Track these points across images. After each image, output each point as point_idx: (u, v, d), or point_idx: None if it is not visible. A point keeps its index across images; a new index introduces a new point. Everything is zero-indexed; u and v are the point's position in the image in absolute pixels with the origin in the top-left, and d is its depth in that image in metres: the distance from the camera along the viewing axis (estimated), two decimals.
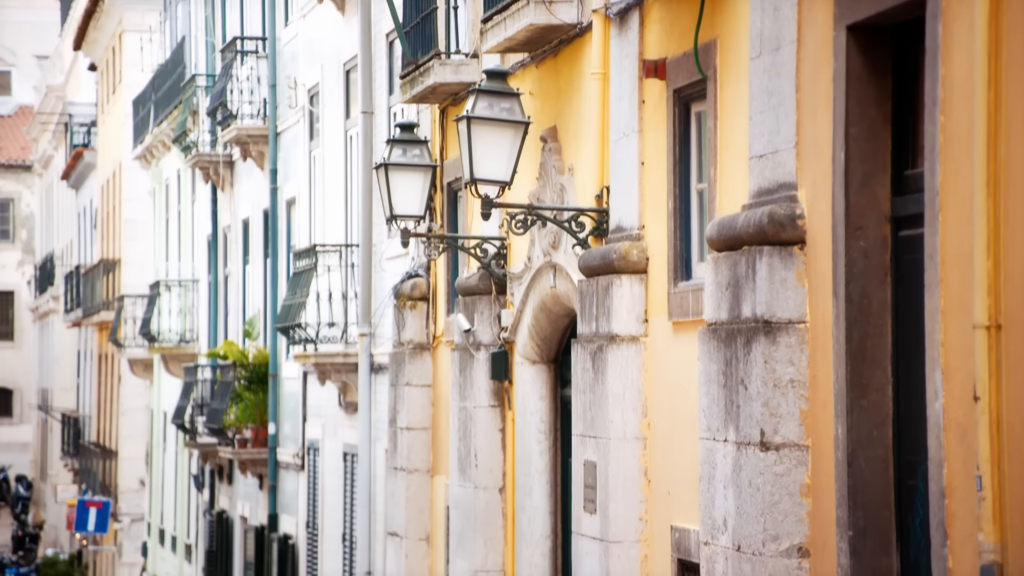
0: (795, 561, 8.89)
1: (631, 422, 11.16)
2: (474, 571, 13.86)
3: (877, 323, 8.43)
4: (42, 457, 57.71)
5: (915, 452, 8.23)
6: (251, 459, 23.40)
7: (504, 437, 13.97)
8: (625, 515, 11.14)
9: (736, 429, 9.15)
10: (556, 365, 13.46)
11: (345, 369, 18.84)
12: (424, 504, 16.03)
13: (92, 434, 42.40)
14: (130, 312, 32.54)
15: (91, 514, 34.53)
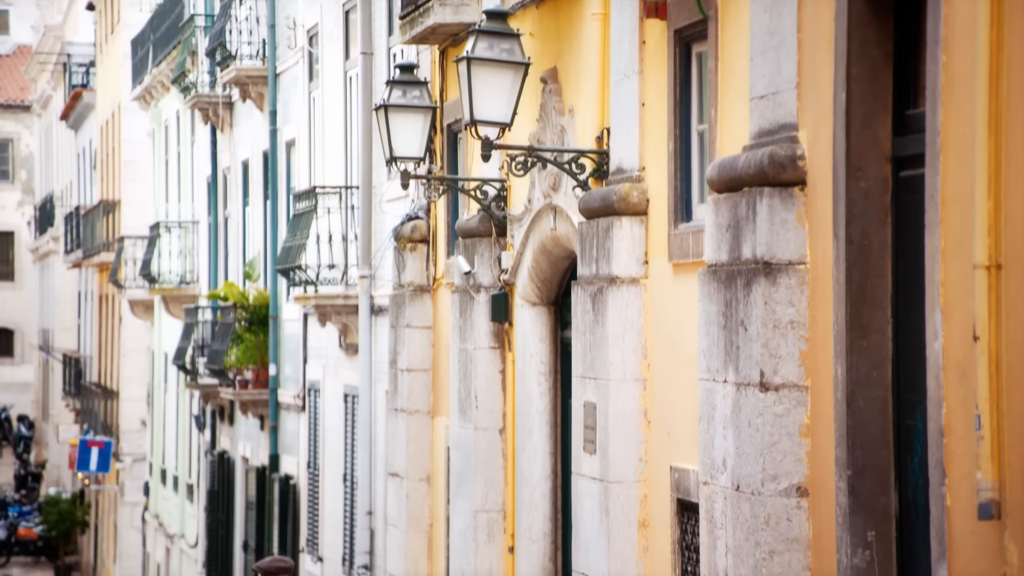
0: (794, 500, 8.93)
1: (631, 363, 11.18)
2: (474, 511, 13.91)
3: (877, 264, 8.44)
4: (43, 397, 57.88)
5: (914, 392, 8.25)
6: (252, 400, 23.45)
7: (504, 378, 13.99)
8: (625, 455, 11.17)
9: (736, 370, 9.17)
10: (556, 307, 13.47)
11: (345, 311, 18.86)
12: (424, 445, 16.07)
13: (93, 374, 42.50)
14: (130, 253, 32.55)
15: (93, 454, 34.65)
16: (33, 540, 47.60)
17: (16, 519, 48.49)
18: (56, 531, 46.33)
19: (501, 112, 11.69)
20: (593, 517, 11.43)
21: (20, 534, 47.75)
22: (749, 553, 9.03)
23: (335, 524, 19.78)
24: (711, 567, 9.50)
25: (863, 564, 8.43)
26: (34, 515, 48.49)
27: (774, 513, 8.93)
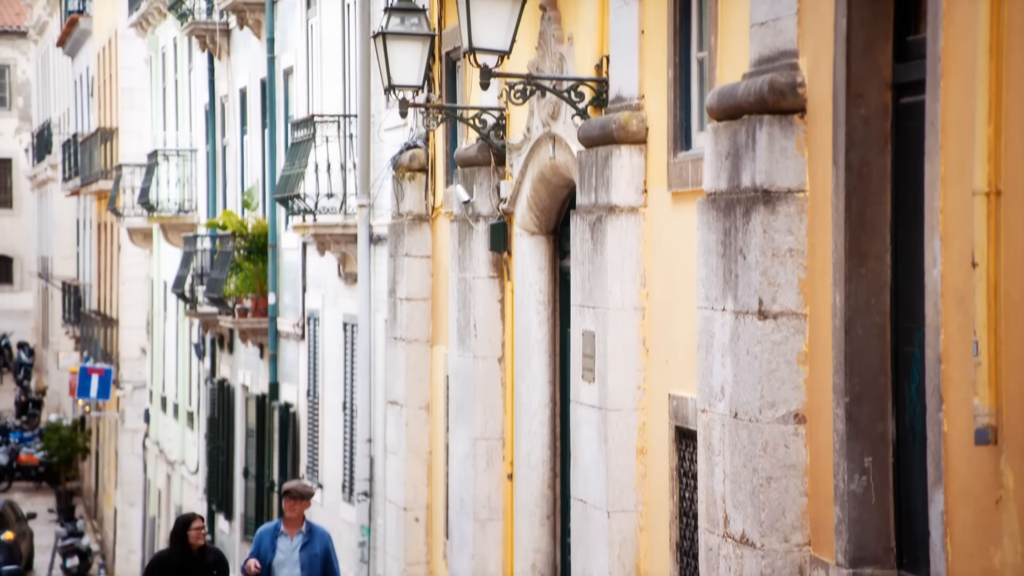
0: (791, 427, 8.96)
1: (630, 292, 11.19)
2: (473, 439, 13.96)
3: (876, 191, 8.43)
4: (43, 324, 57.96)
5: (912, 319, 8.27)
6: (251, 328, 23.48)
7: (503, 308, 14.01)
8: (623, 384, 11.21)
9: (734, 298, 9.18)
10: (555, 236, 13.47)
11: (344, 240, 18.85)
12: (424, 373, 16.11)
13: (93, 302, 42.54)
14: (128, 181, 32.50)
15: (93, 381, 34.73)
16: (34, 466, 47.82)
17: (17, 445, 48.70)
18: (57, 457, 46.54)
19: (500, 40, 11.65)
20: (592, 445, 11.48)
21: (21, 460, 47.99)
22: (747, 479, 9.08)
23: (335, 451, 19.85)
24: (709, 493, 9.55)
25: (860, 490, 8.47)
26: (35, 441, 48.70)
27: (772, 440, 8.96)
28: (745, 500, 9.10)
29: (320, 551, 13.42)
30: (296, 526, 13.45)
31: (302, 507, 13.44)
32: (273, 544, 13.42)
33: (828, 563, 8.71)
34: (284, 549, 13.36)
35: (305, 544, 13.39)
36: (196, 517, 13.84)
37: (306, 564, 13.36)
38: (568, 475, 12.52)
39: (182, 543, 13.55)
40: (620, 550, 11.16)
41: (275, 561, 13.38)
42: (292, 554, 13.36)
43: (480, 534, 13.86)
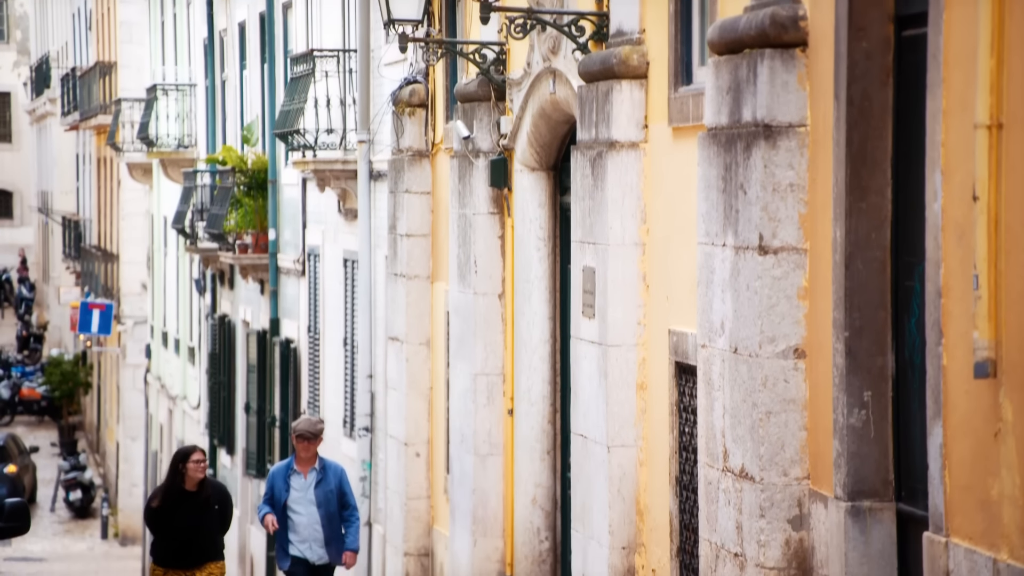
0: (791, 362, 8.98)
1: (630, 228, 11.18)
2: (474, 374, 13.98)
3: (878, 125, 8.42)
4: (44, 259, 57.98)
5: (913, 253, 8.27)
6: (252, 264, 23.48)
7: (503, 244, 14.00)
8: (623, 319, 11.22)
9: (735, 234, 9.18)
10: (555, 172, 13.45)
11: (344, 176, 18.82)
12: (424, 309, 16.13)
13: (93, 237, 42.53)
14: (127, 116, 32.41)
15: (94, 316, 34.75)
16: (36, 400, 47.98)
17: (19, 379, 48.83)
18: (59, 392, 46.67)
19: None
20: (592, 380, 11.50)
21: (23, 394, 48.14)
22: (746, 414, 9.11)
23: (336, 387, 19.90)
24: (708, 428, 9.58)
25: (859, 424, 8.50)
26: (37, 376, 48.83)
27: (771, 375, 8.99)
28: (745, 434, 9.13)
29: (335, 487, 13.17)
30: (309, 464, 13.16)
31: (315, 445, 13.25)
32: (286, 483, 13.14)
33: (827, 496, 8.75)
34: (299, 488, 13.16)
35: (320, 481, 13.14)
36: (195, 450, 13.37)
37: (322, 501, 13.12)
38: (568, 410, 12.56)
39: (180, 477, 13.10)
40: (620, 484, 11.21)
41: (290, 500, 13.11)
42: (307, 492, 13.11)
43: (481, 469, 13.91)
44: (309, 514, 13.08)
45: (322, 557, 13.14)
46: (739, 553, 9.20)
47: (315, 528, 13.08)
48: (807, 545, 8.97)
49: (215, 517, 13.09)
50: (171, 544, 13.00)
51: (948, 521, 7.53)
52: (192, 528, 12.96)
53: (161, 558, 13.10)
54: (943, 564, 7.55)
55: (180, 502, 12.99)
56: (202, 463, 13.07)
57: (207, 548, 13.04)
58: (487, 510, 13.87)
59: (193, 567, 13.04)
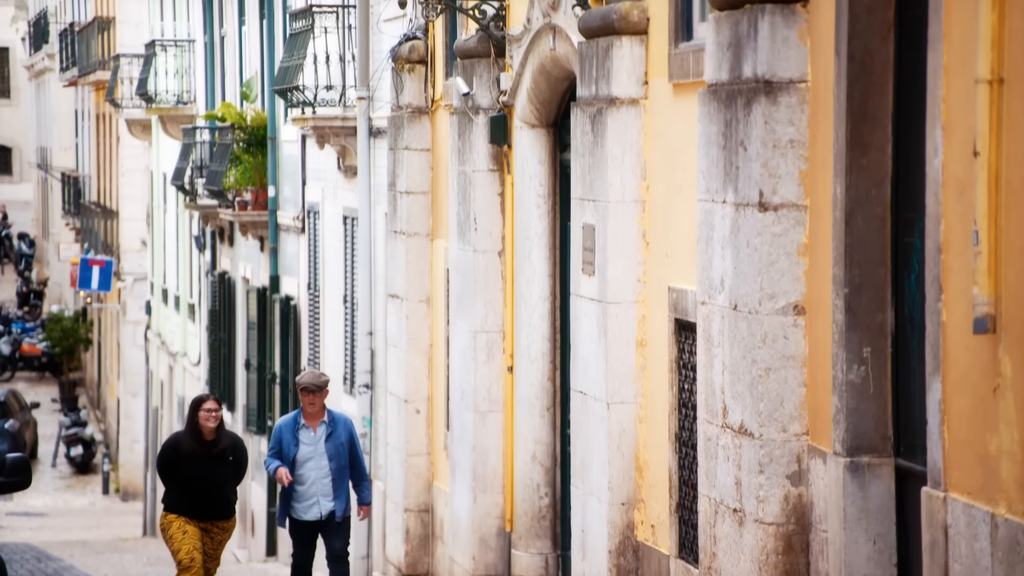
0: (791, 319, 8.99)
1: (630, 185, 11.18)
2: (474, 332, 13.99)
3: (879, 81, 8.40)
4: (43, 215, 57.95)
5: (913, 209, 8.27)
6: (251, 221, 23.47)
7: (503, 201, 13.99)
8: (623, 277, 11.22)
9: (735, 190, 9.18)
10: (555, 129, 13.43)
11: (344, 133, 18.80)
12: (424, 267, 16.13)
13: (92, 194, 42.50)
14: (126, 72, 32.32)
15: (94, 272, 34.75)
16: (37, 356, 48.06)
17: (20, 335, 48.89)
18: (60, 348, 46.73)
19: None
20: (591, 337, 11.52)
21: (24, 350, 48.21)
22: (746, 371, 9.12)
23: (336, 344, 19.92)
24: (708, 385, 9.60)
25: (858, 380, 8.52)
26: (37, 332, 48.89)
27: (771, 331, 9.00)
28: (744, 391, 9.15)
29: (346, 439, 12.85)
30: (317, 417, 12.86)
31: (321, 398, 12.88)
32: (295, 438, 12.81)
33: (826, 452, 8.78)
34: (308, 442, 12.78)
35: (330, 434, 12.81)
36: (208, 398, 12.90)
37: (333, 454, 12.81)
38: (568, 367, 12.58)
39: (194, 426, 12.69)
40: (619, 441, 11.24)
41: (299, 455, 12.79)
42: (318, 446, 12.79)
43: (480, 426, 13.94)
44: (320, 468, 12.81)
45: (329, 510, 12.88)
46: (738, 509, 9.23)
47: (324, 482, 12.82)
48: (806, 501, 9.00)
49: (229, 469, 12.78)
50: (184, 493, 12.72)
51: (946, 476, 7.56)
52: (206, 478, 12.66)
53: (173, 505, 12.82)
54: (941, 519, 7.58)
55: (195, 451, 12.65)
56: (214, 412, 12.69)
57: (220, 501, 12.76)
58: (487, 466, 13.91)
59: (205, 519, 12.77)
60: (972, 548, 7.35)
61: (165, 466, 12.76)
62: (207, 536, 12.79)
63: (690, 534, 10.50)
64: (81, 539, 29.03)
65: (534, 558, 13.33)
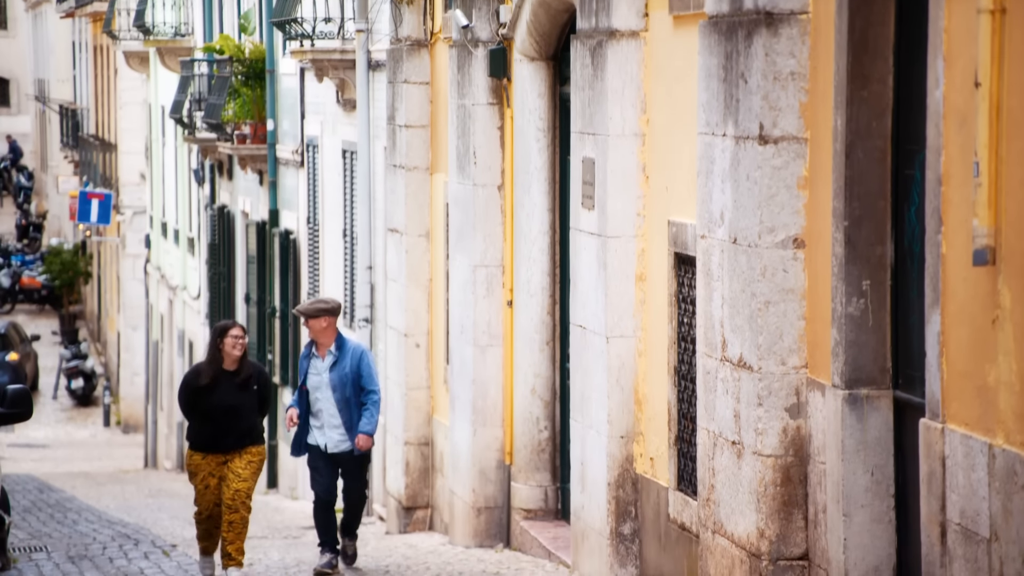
0: (790, 252, 9.00)
1: (630, 118, 11.16)
2: (473, 266, 14.00)
3: (880, 12, 8.37)
4: (42, 148, 57.85)
5: (914, 141, 8.26)
6: (250, 155, 23.43)
7: (503, 135, 13.97)
8: (623, 210, 11.22)
9: (735, 123, 9.16)
10: (555, 62, 13.38)
11: (342, 66, 18.74)
12: (423, 201, 16.11)
13: (91, 126, 42.41)
14: (123, 3, 32.16)
15: (93, 205, 34.73)
16: (37, 289, 48.12)
17: (19, 268, 48.94)
18: (59, 281, 46.77)
19: None
20: (591, 271, 11.53)
21: (24, 283, 48.27)
22: (745, 304, 9.13)
23: (335, 278, 19.93)
24: (707, 318, 9.62)
25: (857, 312, 8.53)
26: (37, 264, 48.92)
27: (770, 265, 9.00)
28: (743, 324, 9.16)
29: (351, 369, 12.37)
30: (326, 344, 12.40)
31: (320, 324, 12.34)
32: (307, 365, 12.51)
33: (824, 384, 8.80)
34: (316, 371, 12.44)
35: (334, 363, 12.40)
36: (233, 325, 12.31)
37: (337, 385, 12.37)
38: (567, 302, 12.59)
39: (216, 355, 12.10)
40: (619, 375, 11.26)
41: (310, 384, 12.46)
42: (323, 375, 12.43)
43: (480, 360, 13.96)
44: (326, 398, 12.45)
45: (339, 444, 12.48)
46: (737, 441, 9.26)
47: (331, 412, 12.44)
48: (804, 433, 9.03)
49: (254, 398, 12.20)
50: (208, 426, 12.11)
51: (945, 407, 7.59)
52: (231, 409, 12.08)
53: (197, 442, 12.23)
54: (939, 450, 7.61)
55: (219, 381, 12.10)
56: (240, 339, 12.14)
57: (246, 431, 12.15)
58: (487, 400, 13.94)
59: (231, 450, 12.13)
60: (969, 478, 7.38)
61: (188, 398, 12.23)
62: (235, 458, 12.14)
63: (689, 466, 10.54)
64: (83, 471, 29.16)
65: (534, 491, 13.39)
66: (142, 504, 21.53)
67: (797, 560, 9.03)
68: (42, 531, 17.26)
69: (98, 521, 18.56)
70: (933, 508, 7.66)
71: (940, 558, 7.61)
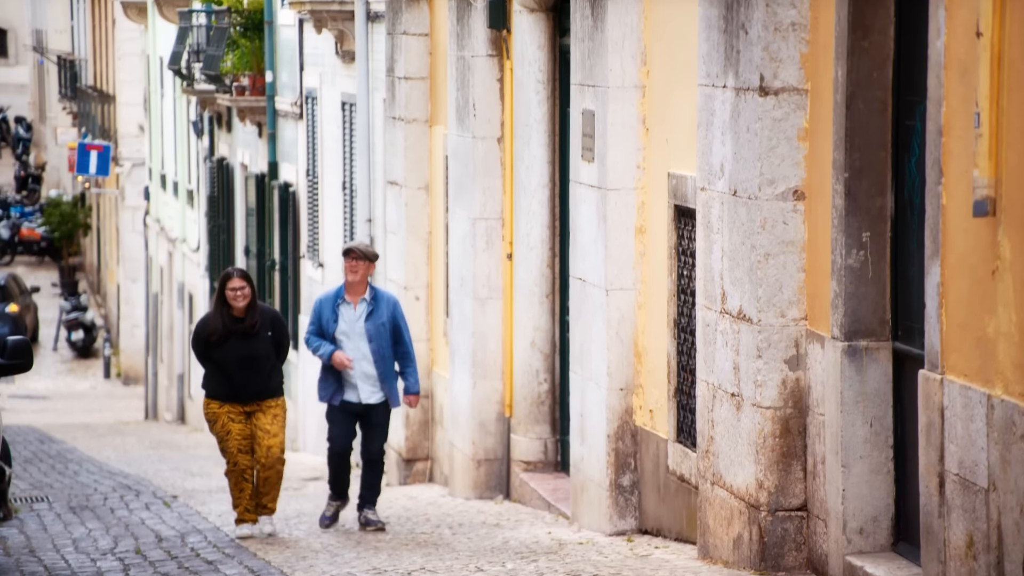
0: (790, 204, 9.00)
1: (630, 70, 11.13)
2: (473, 219, 13.99)
3: None
4: (40, 99, 57.72)
5: (914, 92, 8.25)
6: (249, 107, 23.38)
7: (502, 87, 13.94)
8: (623, 163, 11.21)
9: (735, 75, 9.14)
10: (555, 13, 13.35)
11: (341, 17, 18.68)
12: (423, 154, 16.09)
13: (89, 78, 42.30)
14: None
15: (92, 157, 34.68)
16: (36, 240, 48.13)
17: (18, 219, 48.94)
18: (59, 232, 46.78)
19: None
20: (591, 224, 11.52)
21: (23, 234, 48.28)
22: (744, 256, 9.14)
23: (335, 231, 19.93)
24: (707, 271, 9.62)
25: (857, 264, 8.54)
26: (36, 216, 48.91)
27: (770, 217, 9.00)
28: (743, 276, 9.17)
29: (388, 319, 11.84)
30: (359, 292, 11.82)
31: (366, 269, 11.78)
32: (335, 314, 11.85)
33: (824, 336, 8.82)
34: (347, 319, 11.82)
35: (371, 312, 11.83)
36: (233, 275, 11.74)
37: (373, 335, 11.81)
38: (567, 254, 12.59)
39: (223, 302, 11.62)
40: (618, 327, 11.28)
41: (337, 332, 11.85)
42: (356, 324, 11.83)
43: (480, 312, 13.97)
44: (358, 349, 11.90)
45: (371, 396, 11.98)
46: (736, 393, 9.28)
47: (364, 365, 11.91)
48: (803, 385, 9.05)
49: (269, 345, 11.71)
50: (223, 377, 11.71)
51: (944, 358, 7.60)
52: (245, 359, 11.64)
53: (214, 391, 11.80)
54: (938, 401, 7.63)
55: (227, 329, 11.63)
56: (240, 291, 11.62)
57: (263, 381, 11.69)
58: (486, 353, 13.96)
59: (251, 402, 11.72)
60: (968, 429, 7.40)
61: (200, 346, 11.79)
62: (259, 414, 11.77)
63: (688, 419, 10.57)
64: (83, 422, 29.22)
65: (533, 443, 13.42)
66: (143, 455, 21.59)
67: (795, 511, 9.07)
68: (43, 482, 17.31)
69: (99, 472, 18.62)
70: (932, 459, 7.68)
71: (938, 508, 7.64)
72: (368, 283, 12.00)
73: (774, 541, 9.05)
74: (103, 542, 12.18)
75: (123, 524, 13.30)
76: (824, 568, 8.87)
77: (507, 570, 9.88)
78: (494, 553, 10.60)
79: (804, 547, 9.04)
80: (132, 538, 12.35)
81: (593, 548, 10.66)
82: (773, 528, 9.05)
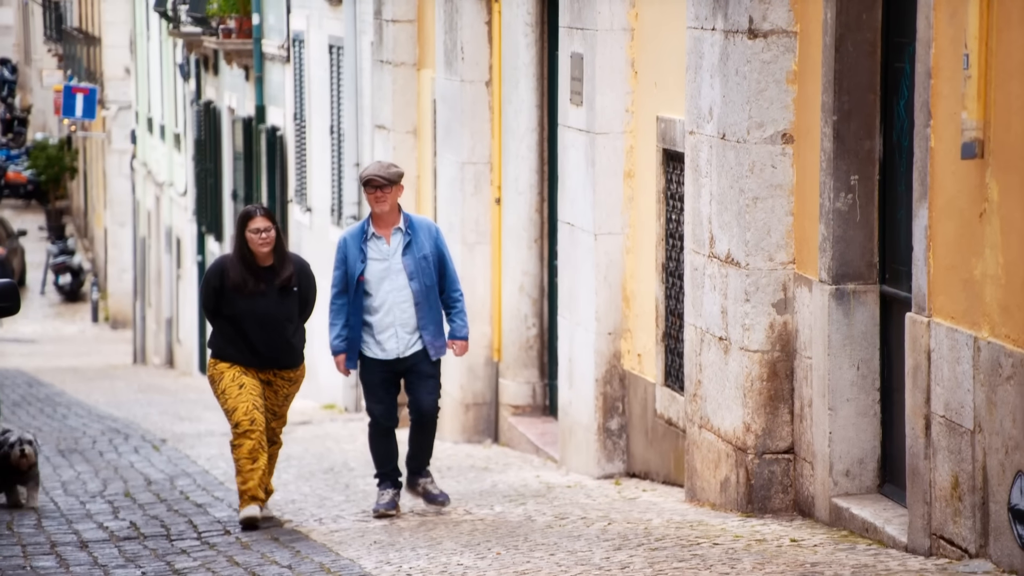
0: (779, 147, 9.00)
1: (618, 13, 11.10)
2: (461, 163, 13.98)
3: None
4: (25, 41, 57.44)
5: (904, 34, 8.23)
6: (236, 50, 23.28)
7: (491, 30, 13.89)
8: (612, 107, 11.19)
9: (724, 17, 9.12)
10: None
11: None
12: (411, 97, 16.05)
13: (74, 19, 42.09)
14: None
15: (78, 100, 34.55)
16: (23, 184, 48.01)
17: (4, 163, 48.80)
18: (45, 176, 46.64)
19: None
20: (579, 168, 11.51)
21: (9, 177, 48.15)
22: (733, 200, 9.14)
23: (323, 175, 19.89)
24: (695, 215, 9.62)
25: (845, 207, 8.55)
26: (22, 159, 48.76)
27: (759, 160, 9.01)
28: (731, 220, 9.18)
29: (431, 251, 9.67)
30: (391, 223, 9.64)
31: (395, 194, 9.63)
32: (362, 252, 9.64)
33: (812, 280, 8.83)
34: (380, 256, 9.63)
35: (408, 244, 9.65)
36: (254, 214, 9.60)
37: (415, 271, 9.62)
38: (555, 199, 12.58)
39: (244, 247, 9.54)
40: (606, 272, 11.29)
41: (368, 273, 9.64)
42: (392, 260, 9.63)
43: (468, 257, 13.97)
44: (396, 289, 9.69)
45: (410, 346, 9.80)
46: (724, 337, 9.31)
47: (404, 308, 9.70)
48: (791, 328, 9.07)
49: (294, 303, 9.67)
50: (237, 336, 9.64)
51: (931, 301, 7.62)
52: (265, 318, 9.59)
53: (223, 352, 9.71)
54: (925, 343, 7.65)
55: (248, 280, 9.57)
56: (264, 233, 9.53)
57: (284, 347, 9.68)
58: (475, 297, 13.96)
59: (265, 369, 9.71)
60: (954, 371, 7.43)
61: (211, 299, 9.69)
62: (270, 390, 9.78)
63: (676, 362, 10.59)
64: (72, 366, 29.23)
65: (522, 387, 13.45)
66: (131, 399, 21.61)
67: (783, 454, 9.11)
68: (32, 425, 17.33)
69: (88, 415, 18.64)
70: (918, 401, 7.71)
71: (924, 450, 7.68)
72: (400, 210, 9.81)
73: (761, 484, 9.10)
74: (92, 485, 12.21)
75: (112, 467, 13.33)
76: (811, 510, 8.91)
77: (495, 513, 9.92)
78: (483, 496, 10.64)
79: (791, 489, 9.08)
80: (121, 481, 12.37)
81: (581, 491, 10.70)
82: (760, 471, 9.09)
